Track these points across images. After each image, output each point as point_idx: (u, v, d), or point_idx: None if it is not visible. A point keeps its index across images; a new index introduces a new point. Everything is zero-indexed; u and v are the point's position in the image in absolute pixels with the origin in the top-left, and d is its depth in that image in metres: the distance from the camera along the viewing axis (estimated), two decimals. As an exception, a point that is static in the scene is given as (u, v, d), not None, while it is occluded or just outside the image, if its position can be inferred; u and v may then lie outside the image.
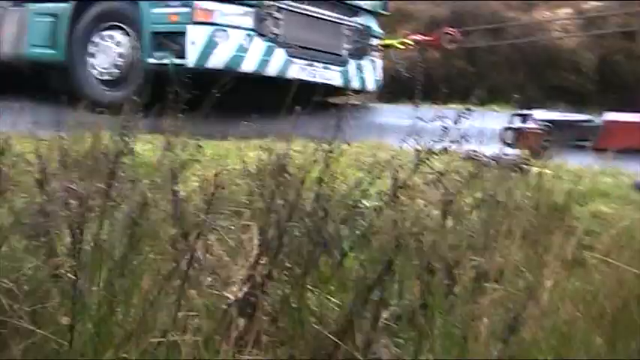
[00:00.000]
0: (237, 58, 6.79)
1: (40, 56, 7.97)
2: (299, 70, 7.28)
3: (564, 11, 16.70)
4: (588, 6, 16.66)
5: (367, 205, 2.48)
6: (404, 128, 2.49)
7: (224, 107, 3.24)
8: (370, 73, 8.26)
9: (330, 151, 2.32)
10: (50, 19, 7.88)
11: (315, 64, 7.48)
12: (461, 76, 12.69)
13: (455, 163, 2.69)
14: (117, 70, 7.27)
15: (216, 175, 2.08)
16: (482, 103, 10.63)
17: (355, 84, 8.06)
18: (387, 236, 2.24)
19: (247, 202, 2.60)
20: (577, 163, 3.74)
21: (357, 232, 2.33)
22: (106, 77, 7.34)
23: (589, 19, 13.72)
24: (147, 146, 3.72)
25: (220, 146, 3.49)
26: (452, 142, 2.34)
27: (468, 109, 2.41)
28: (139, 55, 7.13)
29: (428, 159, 2.31)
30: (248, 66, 6.87)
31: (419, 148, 2.30)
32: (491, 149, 3.23)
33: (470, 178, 2.48)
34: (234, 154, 3.16)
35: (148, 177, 2.67)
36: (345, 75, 7.87)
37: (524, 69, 12.47)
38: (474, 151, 2.80)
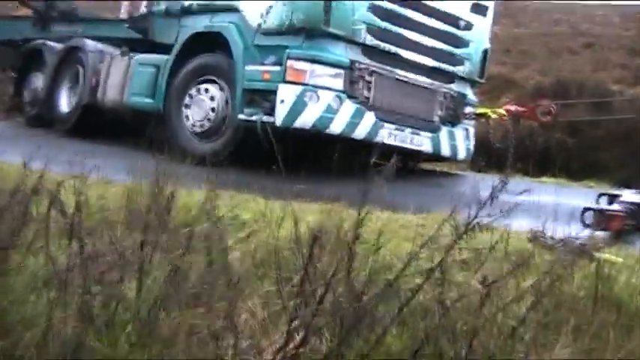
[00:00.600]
0: (325, 120, 6.79)
1: (139, 105, 8.29)
2: (388, 135, 7.20)
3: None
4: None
5: (416, 281, 2.33)
6: (482, 200, 2.26)
7: (307, 167, 3.20)
8: (462, 141, 8.10)
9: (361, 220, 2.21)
10: (152, 69, 8.19)
11: (406, 129, 7.39)
12: (560, 148, 12.33)
13: (516, 243, 2.52)
14: (209, 123, 7.43)
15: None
16: (579, 178, 10.29)
17: (446, 152, 7.92)
18: (430, 315, 2.16)
19: (297, 267, 2.49)
20: None
21: (400, 308, 2.20)
22: (198, 129, 7.50)
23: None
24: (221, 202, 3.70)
25: (286, 206, 3.43)
26: (499, 216, 2.19)
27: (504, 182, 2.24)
28: (231, 110, 7.27)
29: (472, 235, 2.16)
30: (336, 128, 6.85)
31: (469, 223, 2.16)
32: (567, 230, 3.01)
33: (521, 260, 2.31)
34: (294, 216, 3.10)
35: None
36: (435, 142, 7.75)
37: (627, 145, 11.95)
38: (542, 231, 2.61)
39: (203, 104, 7.48)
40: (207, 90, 7.49)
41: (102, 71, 8.98)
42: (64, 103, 9.67)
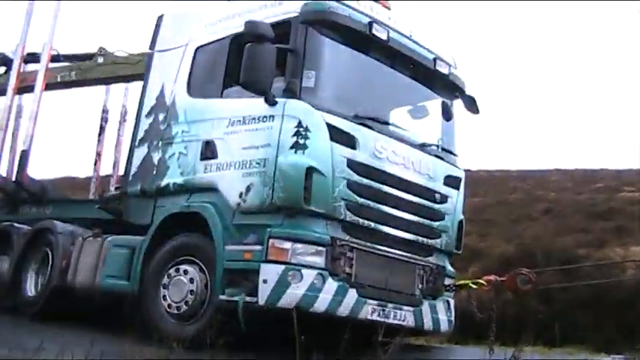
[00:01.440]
0: (309, 298, 6.65)
1: (114, 287, 8.06)
2: (371, 311, 7.08)
3: (637, 248, 16.47)
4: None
5: None
6: None
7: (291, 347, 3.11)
8: (444, 313, 8.00)
9: None
10: (127, 250, 8.06)
11: (388, 304, 7.28)
12: (534, 316, 12.29)
13: None
14: (188, 304, 7.21)
15: None
16: (557, 344, 10.18)
17: (429, 325, 7.79)
18: None
19: None
20: None
21: None
22: (177, 311, 7.27)
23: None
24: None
25: None
26: None
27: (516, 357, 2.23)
28: (211, 291, 7.09)
29: None
30: (320, 306, 6.70)
31: None
32: None
33: None
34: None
35: None
36: (418, 316, 7.63)
37: (600, 309, 12.01)
38: None
39: (181, 285, 7.29)
40: (185, 271, 7.33)
41: (73, 253, 8.80)
42: (31, 286, 9.39)
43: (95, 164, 10.62)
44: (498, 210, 19.53)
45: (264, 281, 6.62)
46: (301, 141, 6.92)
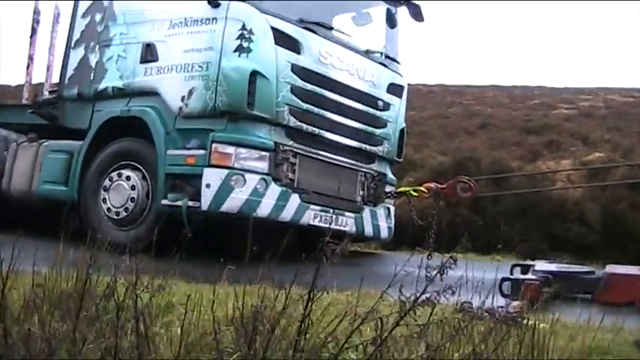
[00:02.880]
0: (252, 203, 6.66)
1: (51, 193, 7.89)
2: (314, 217, 7.14)
3: (567, 162, 16.97)
4: (592, 157, 16.93)
5: (352, 357, 2.37)
6: (403, 278, 2.35)
7: (231, 251, 3.15)
8: (384, 220, 8.14)
9: (310, 299, 2.27)
10: (65, 156, 7.86)
11: (331, 210, 7.35)
12: (465, 225, 12.63)
13: (446, 315, 2.55)
14: (129, 210, 7.14)
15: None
16: (486, 252, 10.53)
17: (369, 231, 7.92)
18: None
19: (230, 350, 2.48)
20: (576, 317, 3.53)
21: None
22: (117, 216, 7.19)
23: (592, 170, 13.85)
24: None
25: (211, 291, 3.33)
26: (443, 292, 2.26)
27: (454, 259, 2.33)
28: (152, 196, 7.03)
29: (414, 310, 2.21)
30: (263, 211, 6.73)
31: (404, 298, 2.20)
32: (488, 301, 3.08)
33: (456, 331, 2.33)
34: (224, 299, 3.05)
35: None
36: (359, 222, 7.74)
37: (528, 219, 12.40)
38: (468, 302, 2.66)
39: (122, 191, 7.20)
40: (126, 176, 7.22)
41: (7, 159, 8.54)
42: (-37, 194, 9.10)
43: (27, 68, 10.17)
44: (435, 123, 19.73)
45: (207, 186, 6.59)
46: (245, 44, 6.78)
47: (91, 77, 7.99)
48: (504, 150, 17.08)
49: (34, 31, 10.16)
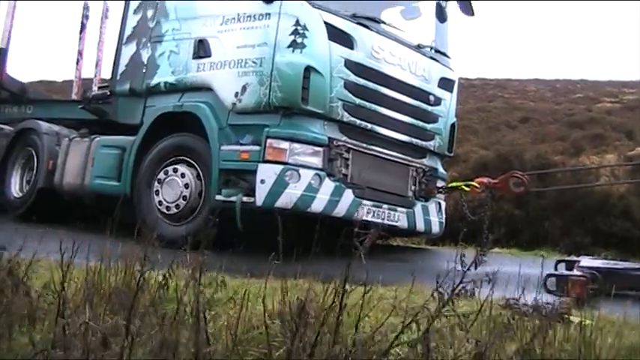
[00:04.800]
0: (307, 199, 6.65)
1: (103, 188, 7.96)
2: (367, 212, 7.11)
3: (611, 156, 16.73)
4: (636, 152, 16.67)
5: (400, 353, 2.35)
6: (451, 273, 2.32)
7: (285, 246, 3.15)
8: (435, 215, 8.08)
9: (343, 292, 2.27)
10: (117, 151, 7.93)
11: (383, 205, 7.32)
12: (509, 220, 12.53)
13: (492, 311, 2.53)
14: (182, 206, 7.17)
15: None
16: (530, 248, 10.42)
17: (421, 227, 7.87)
18: None
19: (277, 344, 2.49)
20: (623, 314, 3.47)
21: None
22: (170, 212, 7.23)
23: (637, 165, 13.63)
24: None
25: (257, 286, 3.31)
26: (481, 284, 2.26)
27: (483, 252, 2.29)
28: (206, 192, 7.05)
29: (452, 301, 2.21)
30: (317, 207, 6.71)
31: (447, 293, 2.21)
32: (534, 297, 3.05)
33: (505, 327, 2.34)
34: (270, 294, 3.04)
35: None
36: (411, 217, 7.70)
37: (572, 214, 12.26)
38: (514, 298, 2.62)
39: (175, 186, 7.23)
40: (178, 170, 7.26)
41: (59, 154, 8.64)
42: (16, 187, 9.23)
43: (77, 63, 10.26)
44: (477, 117, 19.55)
45: (262, 181, 6.59)
46: (299, 40, 6.76)
47: (143, 73, 8.04)
48: (547, 144, 16.85)
49: (83, 27, 10.26)
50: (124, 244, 3.61)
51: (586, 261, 6.29)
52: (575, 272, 5.75)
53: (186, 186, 7.18)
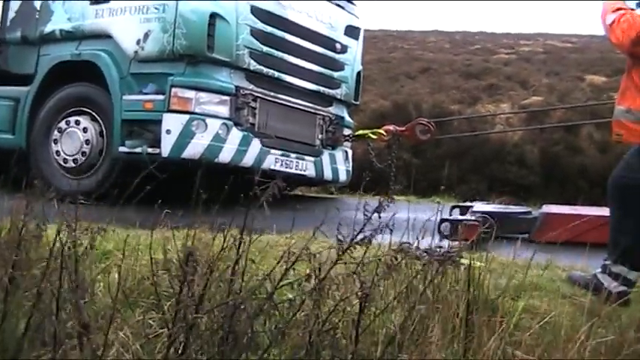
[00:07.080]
0: (214, 149, 6.51)
1: (-4, 141, 7.54)
2: (275, 161, 7.05)
3: (505, 105, 17.22)
4: (530, 101, 17.24)
5: (289, 296, 2.41)
6: (347, 220, 2.34)
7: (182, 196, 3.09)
8: (342, 164, 8.12)
9: (241, 241, 2.26)
10: (10, 102, 7.52)
11: (291, 154, 7.28)
12: (406, 168, 12.72)
13: (385, 255, 2.60)
14: (83, 158, 6.89)
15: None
16: (428, 195, 10.65)
17: (328, 175, 7.90)
18: (304, 331, 2.20)
19: (167, 294, 2.50)
20: (513, 256, 3.65)
21: (274, 326, 2.26)
22: (70, 165, 6.94)
23: (531, 113, 14.11)
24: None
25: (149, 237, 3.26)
26: (380, 231, 2.26)
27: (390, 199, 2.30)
28: (108, 143, 6.80)
29: (350, 249, 2.21)
30: (225, 157, 6.58)
31: (342, 238, 2.20)
32: (427, 242, 3.16)
33: (389, 267, 2.34)
34: (162, 244, 3.04)
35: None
36: (318, 166, 7.70)
37: (469, 162, 12.57)
38: (407, 243, 2.71)
39: (75, 138, 6.93)
40: (78, 122, 6.95)
41: (-54, 107, 8.09)
42: None
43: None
44: (377, 68, 19.68)
45: (168, 132, 6.40)
46: None
47: (36, 19, 7.59)
48: (444, 94, 17.17)
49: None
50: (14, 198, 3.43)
51: (479, 206, 6.47)
52: (468, 217, 5.92)
53: (87, 142, 6.88)
